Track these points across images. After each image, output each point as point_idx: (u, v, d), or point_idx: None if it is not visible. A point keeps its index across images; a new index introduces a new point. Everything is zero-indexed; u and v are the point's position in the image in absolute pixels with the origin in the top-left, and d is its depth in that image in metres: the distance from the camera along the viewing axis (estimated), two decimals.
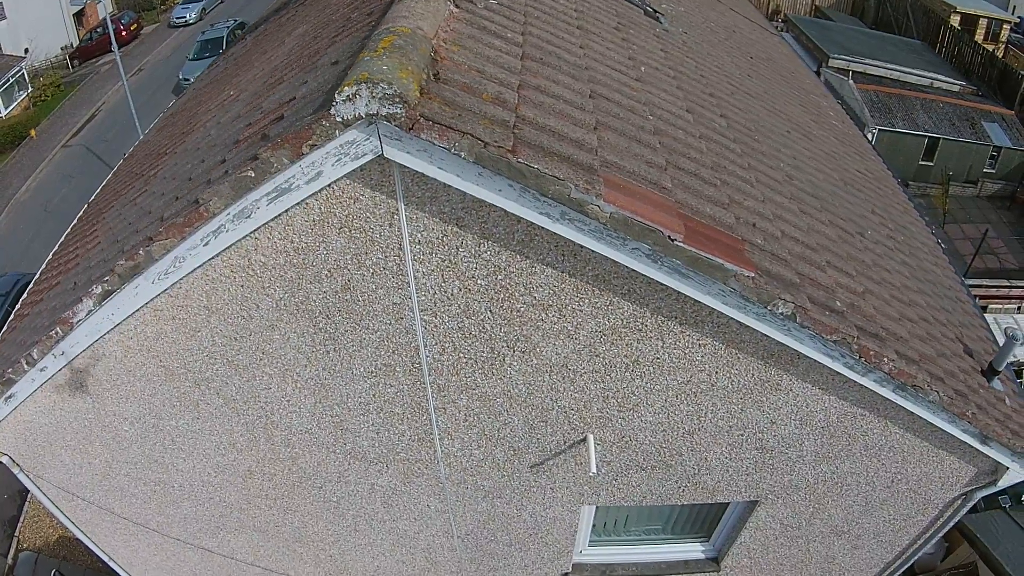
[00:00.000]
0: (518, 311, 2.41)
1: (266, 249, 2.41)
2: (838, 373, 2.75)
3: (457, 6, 2.37)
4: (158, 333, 2.70)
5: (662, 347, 2.54)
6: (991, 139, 13.50)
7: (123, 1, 26.16)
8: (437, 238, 2.25)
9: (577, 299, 2.37)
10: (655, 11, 4.10)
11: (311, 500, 3.45)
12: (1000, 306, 10.48)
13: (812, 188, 3.27)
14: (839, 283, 2.72)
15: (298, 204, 2.25)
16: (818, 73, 14.02)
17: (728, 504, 3.76)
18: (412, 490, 3.29)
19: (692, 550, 4.04)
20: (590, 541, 3.94)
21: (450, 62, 2.11)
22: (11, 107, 19.42)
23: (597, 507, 3.81)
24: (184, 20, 23.88)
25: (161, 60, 21.74)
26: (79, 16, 24.14)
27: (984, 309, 10.44)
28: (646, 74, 2.90)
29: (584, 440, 2.90)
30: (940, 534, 4.38)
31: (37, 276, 4.52)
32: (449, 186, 2.07)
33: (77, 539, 4.34)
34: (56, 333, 2.68)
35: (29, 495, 3.99)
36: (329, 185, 2.17)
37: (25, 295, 4.29)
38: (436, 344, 2.55)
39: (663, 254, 2.04)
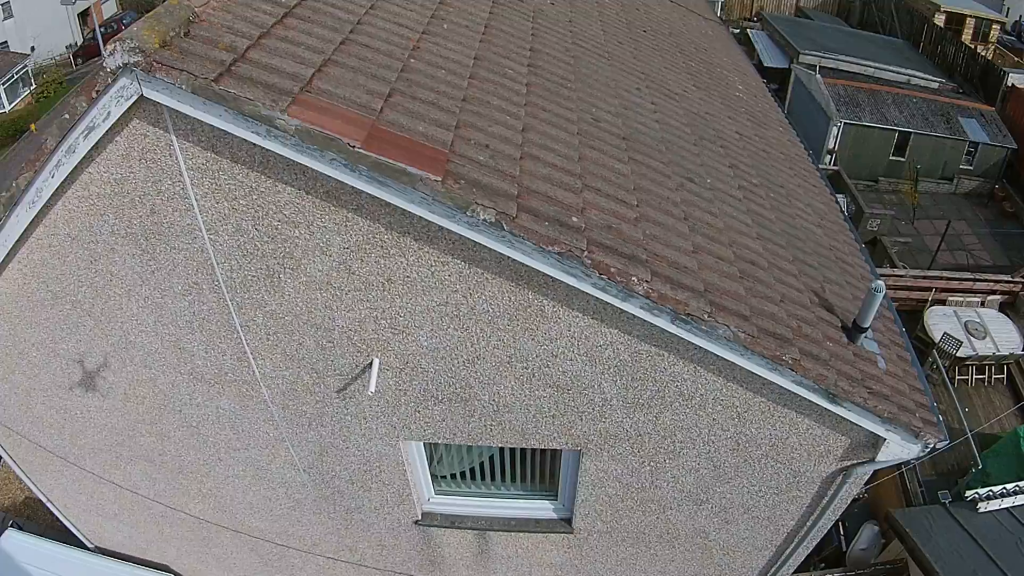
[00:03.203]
0: (276, 228, 3.03)
1: (98, 181, 3.24)
2: (606, 303, 3.07)
3: None
4: (42, 260, 3.61)
5: (407, 264, 3.03)
6: (967, 135, 13.55)
7: (126, 1, 29.42)
8: (203, 164, 2.95)
9: (319, 215, 2.94)
10: None
11: (177, 425, 4.19)
12: (961, 298, 9.79)
13: (629, 132, 3.61)
14: (596, 206, 3.02)
15: (109, 141, 3.09)
16: (789, 69, 14.44)
17: (560, 458, 4.01)
18: (249, 414, 3.92)
19: (542, 508, 4.28)
20: (437, 490, 4.34)
21: (207, 22, 2.86)
22: (15, 103, 21.78)
23: (429, 451, 4.23)
24: None
25: None
26: (84, 15, 27.01)
27: (943, 302, 9.84)
28: (447, 30, 3.50)
29: (372, 365, 3.42)
30: (827, 516, 4.29)
31: None
32: (199, 119, 2.80)
33: (39, 501, 5.39)
34: None
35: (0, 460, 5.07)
36: (123, 123, 2.98)
37: None
38: (225, 261, 3.23)
39: (355, 162, 2.61)
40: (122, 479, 4.76)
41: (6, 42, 23.79)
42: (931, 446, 3.99)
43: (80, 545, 5.65)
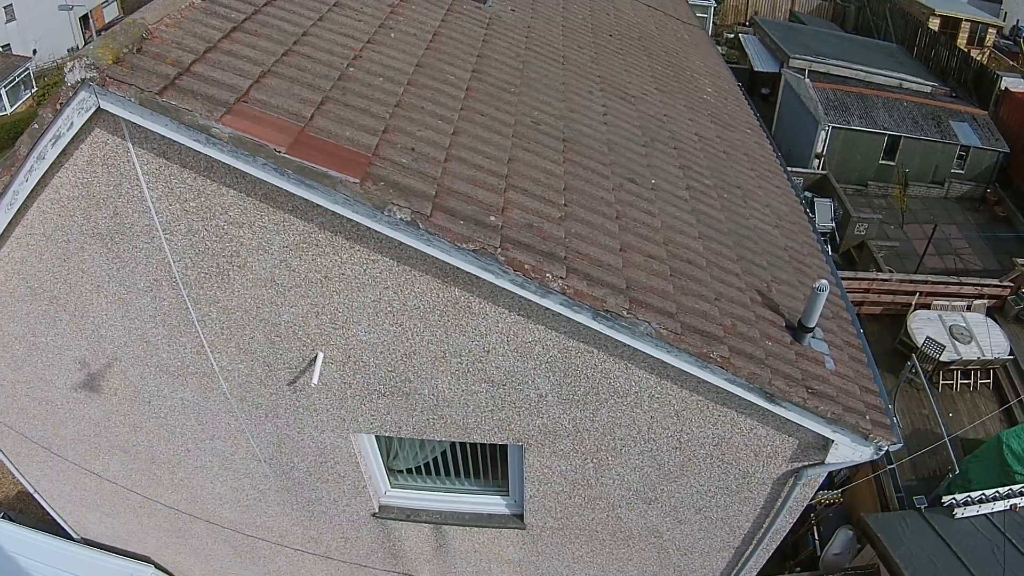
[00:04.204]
0: (223, 228, 3.36)
1: (67, 185, 3.62)
2: (530, 300, 3.31)
3: None
4: (21, 258, 4.01)
5: (341, 263, 3.32)
6: (958, 138, 13.83)
7: (128, 5, 30.57)
8: (157, 169, 3.30)
9: (260, 216, 3.26)
10: None
11: (147, 416, 4.55)
12: (947, 303, 9.74)
13: (571, 135, 3.84)
14: (520, 205, 3.23)
15: (75, 148, 3.47)
16: (779, 74, 15.06)
17: (507, 454, 4.24)
18: (211, 406, 4.26)
19: (495, 503, 4.51)
20: (394, 483, 4.61)
21: (159, 39, 3.22)
22: (16, 105, 22.87)
23: (385, 446, 4.51)
24: None
25: None
26: (85, 19, 28.12)
27: (927, 306, 9.84)
28: (394, 39, 3.81)
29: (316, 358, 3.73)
30: (783, 518, 4.41)
31: None
32: (149, 128, 3.16)
33: (30, 495, 5.84)
34: None
35: None
36: (86, 132, 3.35)
37: None
38: (180, 260, 3.57)
39: (282, 166, 2.92)
40: (101, 469, 5.15)
41: (8, 45, 24.74)
42: (884, 449, 4.11)
43: (67, 537, 6.08)
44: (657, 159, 4.32)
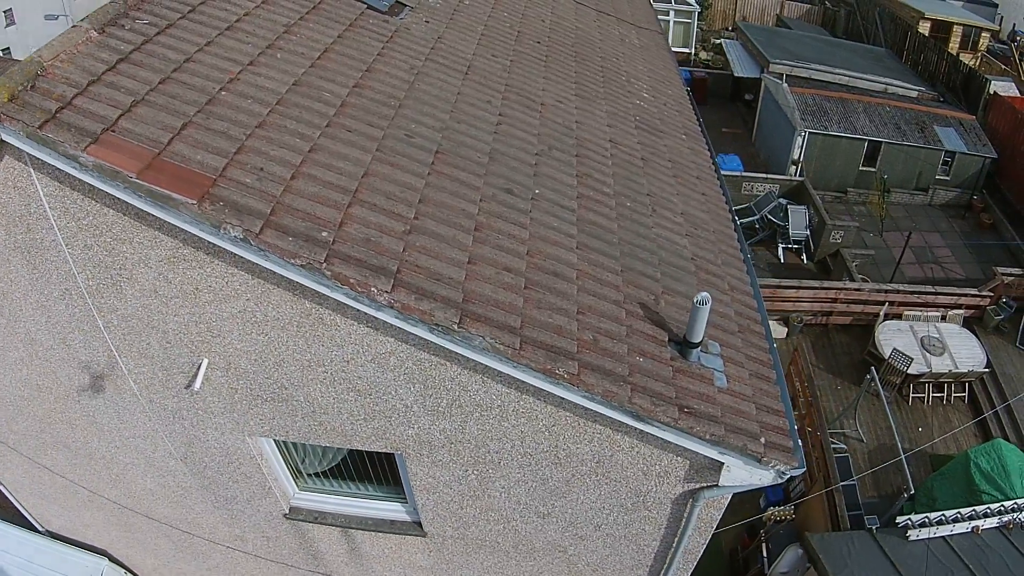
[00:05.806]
0: (109, 244, 3.96)
1: None
2: (370, 315, 3.70)
3: (102, 32, 4.19)
4: None
5: (207, 275, 3.81)
6: (942, 144, 13.77)
7: None
8: (54, 191, 3.93)
9: (137, 233, 3.82)
10: (398, 4, 5.46)
11: (80, 414, 5.26)
12: (920, 313, 9.25)
13: (449, 146, 4.19)
14: (361, 220, 3.55)
15: None
16: (759, 79, 15.19)
17: (396, 462, 4.65)
18: (128, 406, 4.90)
19: (395, 510, 4.92)
20: (303, 487, 5.12)
21: (52, 75, 3.87)
22: None
23: (292, 449, 5.02)
24: None
25: None
26: None
27: (899, 316, 9.36)
28: (279, 59, 4.33)
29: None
30: (690, 537, 4.57)
31: None
32: (40, 157, 3.81)
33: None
34: None
35: None
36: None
37: None
38: (83, 272, 4.19)
39: (135, 190, 3.48)
40: (51, 463, 5.94)
41: (8, 48, 26.60)
42: (786, 474, 4.26)
43: (33, 529, 6.97)
44: (549, 168, 4.64)
